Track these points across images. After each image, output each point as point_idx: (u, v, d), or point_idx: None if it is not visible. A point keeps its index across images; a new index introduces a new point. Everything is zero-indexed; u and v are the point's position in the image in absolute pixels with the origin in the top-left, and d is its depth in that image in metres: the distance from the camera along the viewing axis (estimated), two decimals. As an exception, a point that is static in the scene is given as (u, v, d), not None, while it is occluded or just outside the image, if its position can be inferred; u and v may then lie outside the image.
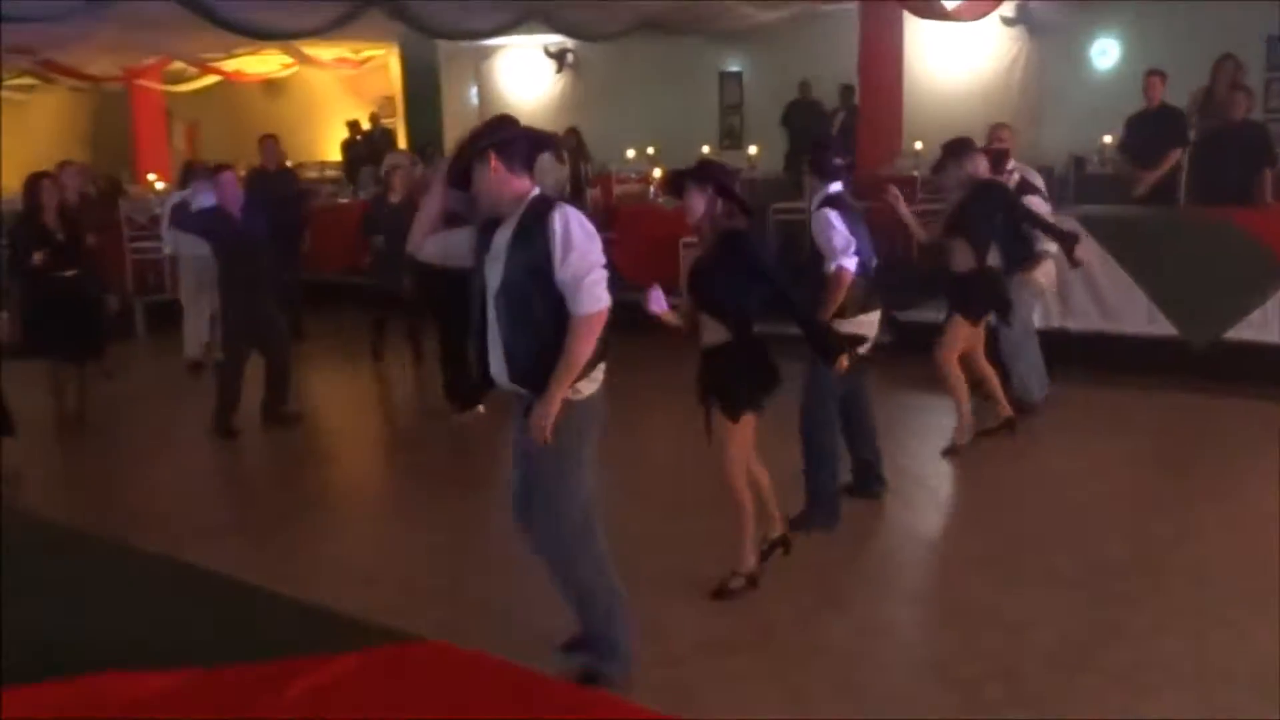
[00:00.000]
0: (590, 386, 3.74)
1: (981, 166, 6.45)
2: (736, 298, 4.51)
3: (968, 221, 6.36)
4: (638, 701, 2.91)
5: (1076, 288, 8.04)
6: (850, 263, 5.27)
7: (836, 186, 5.45)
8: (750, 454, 4.72)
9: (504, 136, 3.72)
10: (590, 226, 3.66)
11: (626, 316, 4.04)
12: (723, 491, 4.63)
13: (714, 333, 4.57)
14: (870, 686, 3.96)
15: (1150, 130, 8.91)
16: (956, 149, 6.47)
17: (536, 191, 3.72)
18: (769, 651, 4.25)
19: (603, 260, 3.65)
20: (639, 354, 4.16)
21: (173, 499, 6.60)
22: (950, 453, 6.50)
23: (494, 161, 3.66)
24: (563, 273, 3.56)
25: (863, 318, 5.41)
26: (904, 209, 6.51)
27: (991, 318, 6.69)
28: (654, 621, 4.31)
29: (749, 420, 4.58)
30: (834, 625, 4.45)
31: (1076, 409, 7.37)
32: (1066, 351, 7.89)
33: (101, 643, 2.63)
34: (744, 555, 4.70)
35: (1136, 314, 8.08)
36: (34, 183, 7.78)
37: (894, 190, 6.47)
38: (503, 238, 3.67)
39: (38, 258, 7.56)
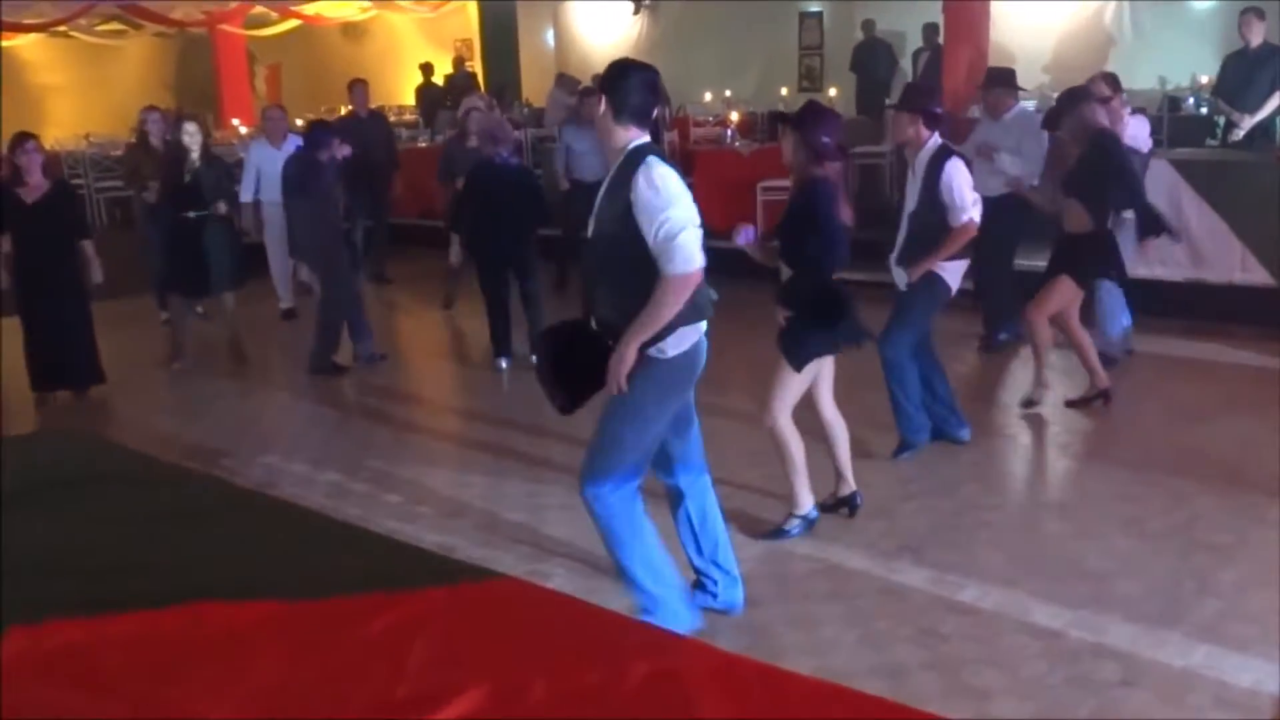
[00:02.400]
0: (679, 346, 3.63)
1: (1100, 116, 6.12)
2: (803, 247, 4.50)
3: (1084, 179, 5.99)
4: (713, 643, 2.92)
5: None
6: (978, 214, 5.26)
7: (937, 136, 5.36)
8: (827, 401, 4.77)
9: (617, 82, 3.61)
10: (680, 184, 3.57)
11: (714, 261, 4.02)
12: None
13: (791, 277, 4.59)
14: (949, 634, 3.93)
15: (1250, 71, 8.56)
16: (1074, 97, 6.18)
17: (636, 143, 3.61)
18: (846, 596, 4.24)
19: (697, 220, 3.55)
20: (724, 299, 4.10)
21: (266, 433, 6.79)
22: (1027, 405, 6.34)
23: (603, 105, 3.63)
24: (652, 230, 3.47)
25: (954, 264, 5.38)
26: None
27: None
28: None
29: (813, 369, 4.58)
30: (912, 571, 4.42)
31: (1165, 359, 7.18)
32: (1157, 299, 7.68)
33: (194, 573, 2.71)
34: (797, 497, 4.72)
35: (1230, 262, 7.83)
36: (175, 125, 8.03)
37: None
38: (602, 188, 3.66)
39: (153, 191, 7.86)
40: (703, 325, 3.72)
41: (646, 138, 3.66)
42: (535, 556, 4.68)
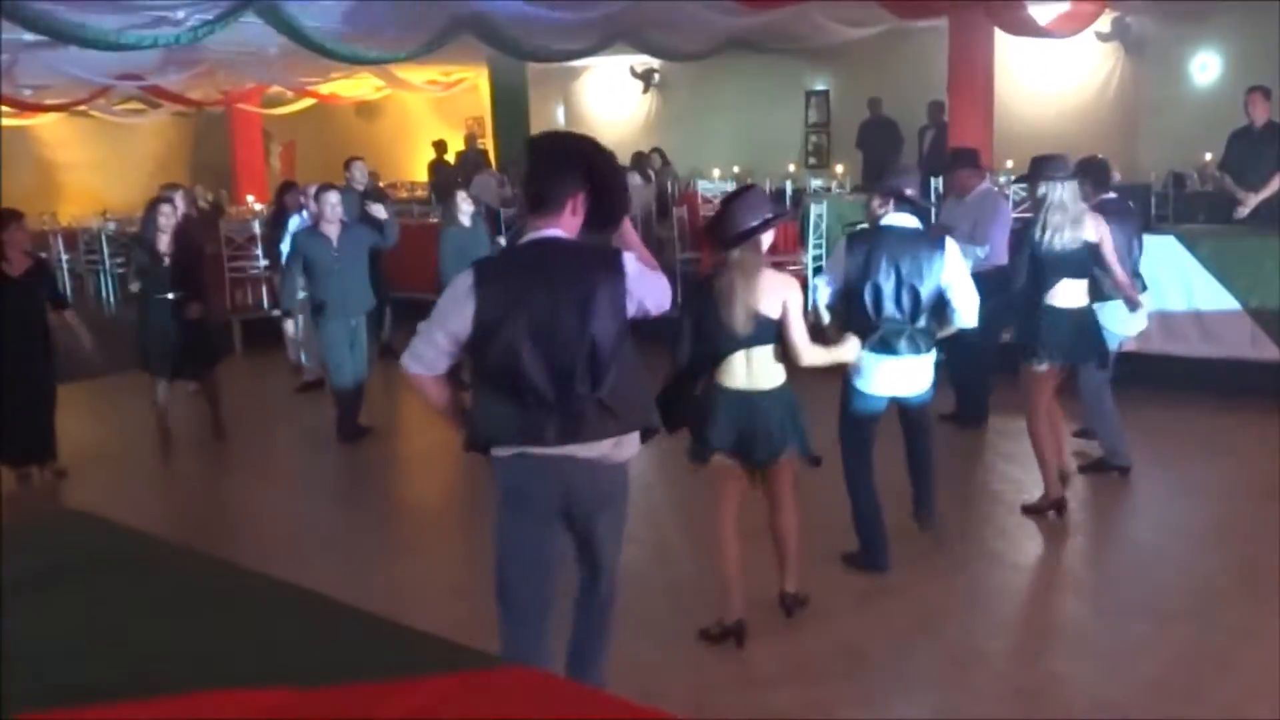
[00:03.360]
0: (499, 462, 3.36)
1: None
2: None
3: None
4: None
5: (1178, 310, 7.83)
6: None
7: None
8: (782, 504, 4.53)
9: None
10: (458, 287, 3.27)
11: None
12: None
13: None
14: (964, 716, 3.87)
15: (1254, 148, 8.63)
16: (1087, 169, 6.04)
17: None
18: (859, 678, 4.19)
19: (441, 324, 3.29)
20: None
21: (265, 512, 6.76)
22: (1032, 511, 5.87)
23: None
24: None
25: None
26: None
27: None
28: (743, 646, 4.28)
29: (722, 471, 4.42)
30: (926, 652, 4.38)
31: (1176, 434, 7.15)
32: (1167, 374, 7.68)
33: (195, 660, 2.68)
34: (728, 606, 4.45)
35: (1239, 338, 7.83)
36: (152, 207, 8.02)
37: None
38: None
39: (135, 286, 7.93)
40: (527, 449, 3.29)
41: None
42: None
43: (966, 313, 4.99)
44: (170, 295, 7.79)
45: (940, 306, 4.98)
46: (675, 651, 4.42)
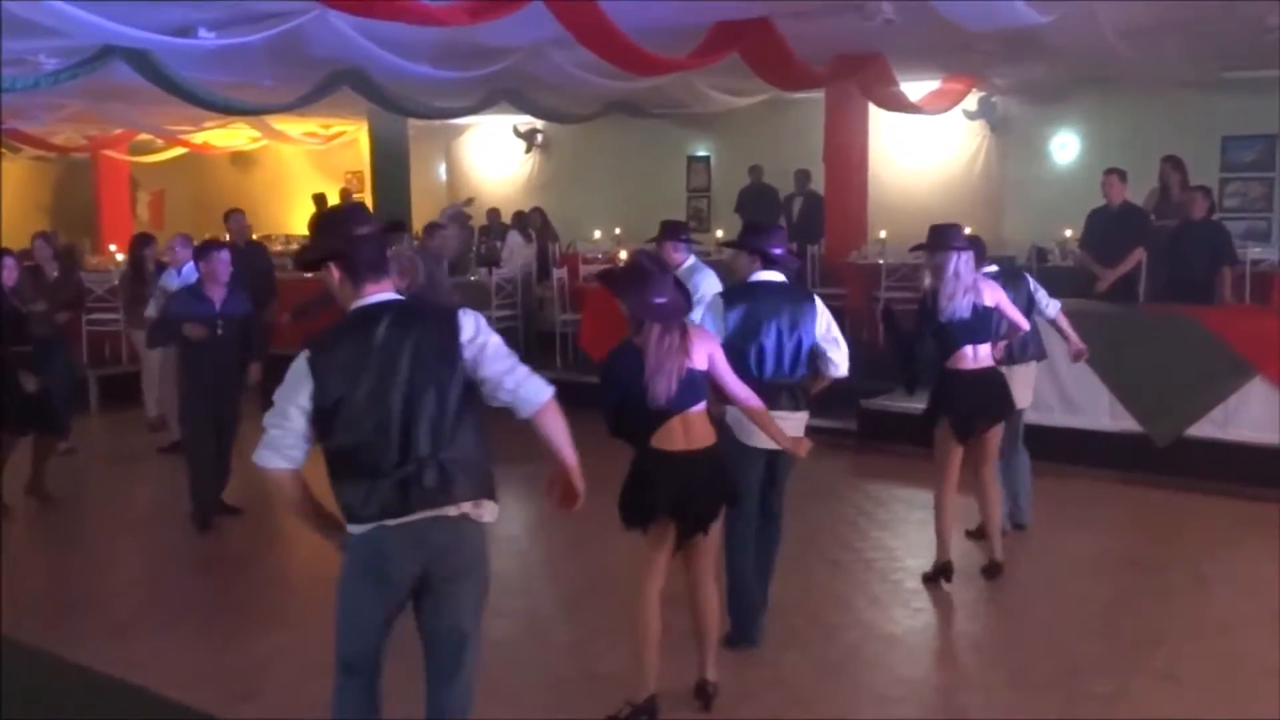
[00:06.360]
0: (356, 530, 3.26)
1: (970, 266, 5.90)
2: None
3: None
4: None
5: (1041, 381, 8.06)
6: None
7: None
8: (706, 579, 4.42)
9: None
10: (293, 367, 3.23)
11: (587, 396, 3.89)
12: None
13: None
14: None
15: (1112, 227, 9.00)
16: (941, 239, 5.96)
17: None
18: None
19: (285, 417, 3.20)
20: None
21: (117, 583, 6.40)
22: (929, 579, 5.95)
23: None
24: None
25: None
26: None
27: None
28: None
29: (656, 539, 4.26)
30: (802, 728, 4.33)
31: (1041, 503, 7.30)
32: (1031, 444, 7.87)
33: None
34: (640, 683, 4.31)
35: (1099, 409, 8.10)
36: None
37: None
38: None
39: None
40: (386, 521, 3.21)
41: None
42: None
43: (842, 363, 5.03)
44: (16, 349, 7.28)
45: (813, 359, 5.00)
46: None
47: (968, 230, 6.18)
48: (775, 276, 5.04)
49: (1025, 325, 6.15)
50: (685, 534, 4.26)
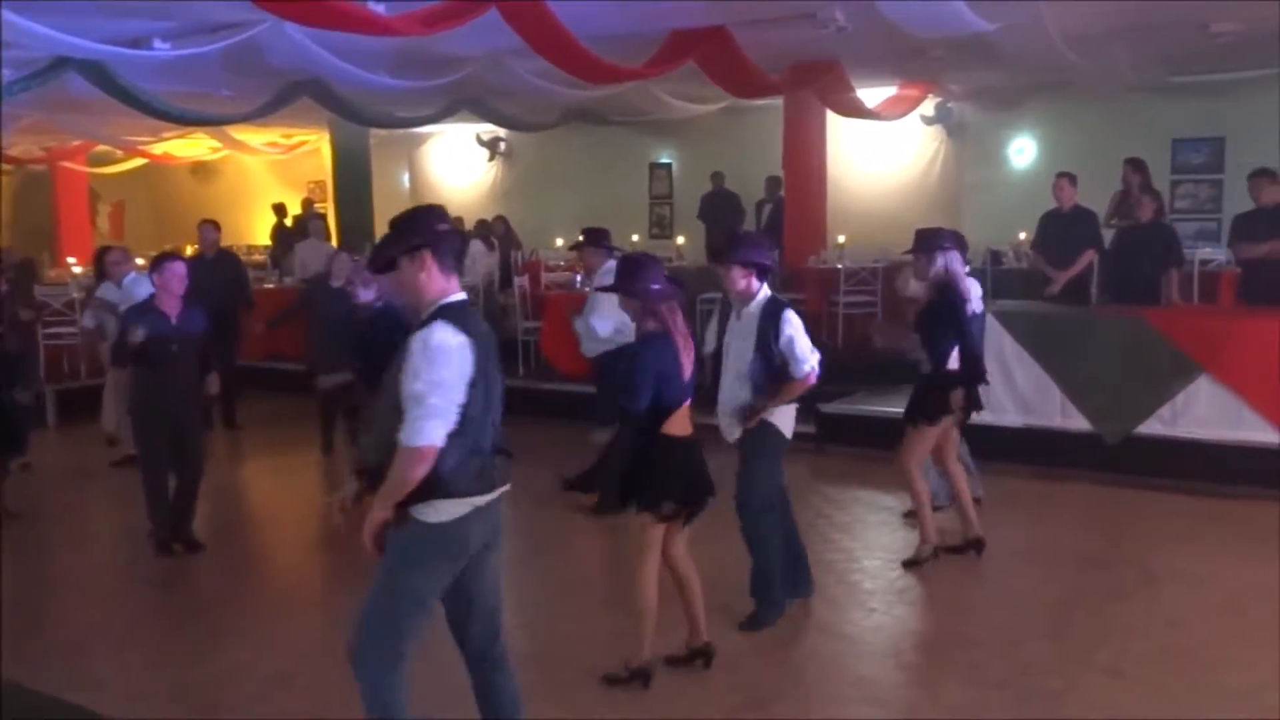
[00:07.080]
0: (438, 515, 3.41)
1: (958, 265, 6.22)
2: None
3: (930, 323, 6.15)
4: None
5: (995, 382, 8.19)
6: (817, 362, 5.28)
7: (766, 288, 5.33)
8: (678, 554, 4.77)
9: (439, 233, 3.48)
10: (444, 343, 3.32)
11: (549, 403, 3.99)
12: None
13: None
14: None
15: (1063, 230, 9.15)
16: (931, 241, 6.22)
17: (445, 300, 3.45)
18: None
19: (452, 395, 3.31)
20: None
21: (73, 596, 6.37)
22: (912, 564, 6.26)
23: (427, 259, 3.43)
24: (405, 390, 3.31)
25: (788, 410, 5.40)
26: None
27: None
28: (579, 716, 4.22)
29: (660, 520, 4.60)
30: (755, 729, 4.39)
31: (995, 502, 7.42)
32: (987, 443, 7.99)
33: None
34: (638, 649, 4.71)
35: (1051, 408, 8.23)
36: None
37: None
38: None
39: None
40: (477, 500, 3.45)
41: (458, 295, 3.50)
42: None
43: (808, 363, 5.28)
44: None
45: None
46: None
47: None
48: (766, 290, 5.34)
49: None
50: (692, 516, 4.67)
